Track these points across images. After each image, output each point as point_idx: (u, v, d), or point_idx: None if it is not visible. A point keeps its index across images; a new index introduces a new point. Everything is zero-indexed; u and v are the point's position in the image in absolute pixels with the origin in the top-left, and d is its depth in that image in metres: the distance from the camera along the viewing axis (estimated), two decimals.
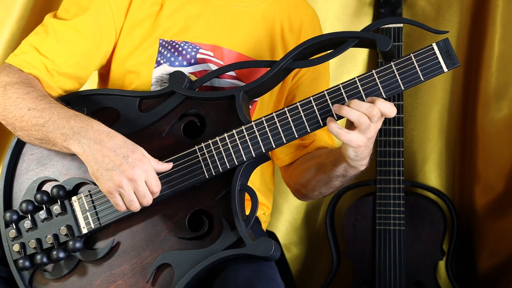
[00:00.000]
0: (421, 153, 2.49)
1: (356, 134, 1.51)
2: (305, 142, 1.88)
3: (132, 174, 1.47)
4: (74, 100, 1.66)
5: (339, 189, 1.83)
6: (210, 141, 1.58)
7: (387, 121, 2.31)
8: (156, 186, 1.52)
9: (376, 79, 1.53)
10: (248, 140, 1.57)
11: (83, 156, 1.51)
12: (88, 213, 1.62)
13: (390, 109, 1.50)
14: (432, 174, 2.50)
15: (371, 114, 1.49)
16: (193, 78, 1.75)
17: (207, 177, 1.58)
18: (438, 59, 1.50)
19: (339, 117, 1.54)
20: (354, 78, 1.54)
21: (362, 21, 2.41)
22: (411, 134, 2.48)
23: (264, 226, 2.00)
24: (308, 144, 1.88)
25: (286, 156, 1.92)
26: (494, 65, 2.25)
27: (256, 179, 1.93)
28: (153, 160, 1.54)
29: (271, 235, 2.28)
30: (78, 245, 1.60)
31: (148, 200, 1.52)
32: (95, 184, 1.62)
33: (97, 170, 1.49)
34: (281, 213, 2.60)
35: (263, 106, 1.84)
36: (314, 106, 1.55)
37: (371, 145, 1.59)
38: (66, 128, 1.52)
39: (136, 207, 1.51)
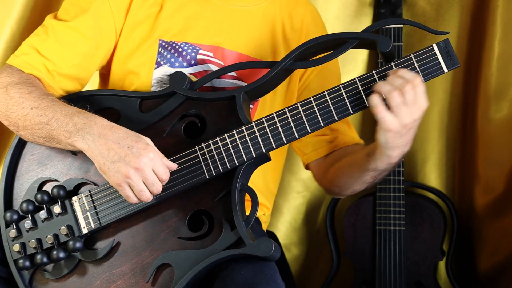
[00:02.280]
0: (421, 153, 2.49)
1: (391, 115, 1.49)
2: (329, 137, 1.88)
3: (138, 163, 1.47)
4: (75, 101, 1.65)
5: (371, 185, 1.80)
6: (210, 141, 1.59)
7: None
8: (164, 173, 1.52)
9: (377, 79, 1.53)
10: (248, 140, 1.57)
11: (88, 152, 1.51)
12: (88, 213, 1.62)
13: (413, 76, 1.49)
14: (432, 174, 2.50)
15: (403, 89, 1.47)
16: (194, 79, 1.75)
17: (207, 177, 1.58)
18: (438, 59, 1.51)
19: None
20: (355, 78, 1.54)
21: (362, 21, 2.41)
22: None
23: (264, 227, 2.00)
24: (333, 139, 1.87)
25: (313, 152, 1.91)
26: (494, 65, 2.25)
27: (259, 181, 1.93)
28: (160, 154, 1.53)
29: (271, 236, 2.28)
30: (78, 245, 1.60)
31: (157, 188, 1.51)
32: (95, 184, 1.63)
33: (103, 164, 1.49)
34: (281, 214, 2.60)
35: (265, 106, 1.84)
36: (315, 106, 1.55)
37: (407, 136, 1.55)
38: (70, 125, 1.52)
39: (147, 196, 1.51)
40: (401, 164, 2.32)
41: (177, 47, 1.76)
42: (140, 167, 1.48)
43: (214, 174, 1.58)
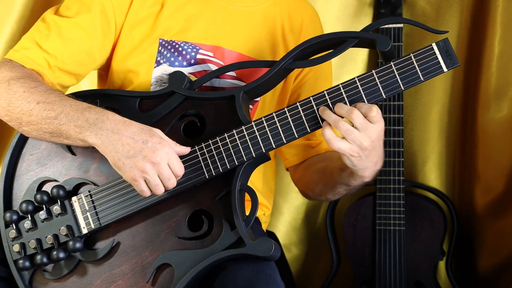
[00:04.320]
0: (421, 153, 2.49)
1: (345, 142, 1.51)
2: (312, 142, 1.88)
3: (154, 158, 1.47)
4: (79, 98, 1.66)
5: (345, 196, 1.82)
6: (210, 141, 1.58)
7: (387, 121, 2.31)
8: (180, 168, 1.52)
9: (376, 79, 1.53)
10: (248, 140, 1.57)
11: (101, 148, 1.50)
12: (88, 213, 1.62)
13: (368, 108, 1.49)
14: (432, 174, 2.50)
15: (350, 116, 1.48)
16: (193, 78, 1.75)
17: (207, 177, 1.58)
18: (438, 59, 1.50)
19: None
20: (354, 78, 1.54)
21: (362, 22, 2.41)
22: (411, 134, 2.48)
23: (264, 227, 2.00)
24: (316, 144, 1.88)
25: (294, 157, 1.92)
26: (494, 65, 2.25)
27: (259, 181, 1.93)
28: (172, 142, 1.53)
29: (271, 236, 2.28)
30: (78, 245, 1.60)
31: (172, 183, 1.51)
32: (95, 184, 1.63)
33: (118, 159, 1.48)
34: (281, 214, 2.60)
35: (264, 106, 1.84)
36: (314, 106, 1.55)
37: (373, 157, 1.56)
38: (81, 120, 1.51)
39: (161, 190, 1.51)
40: (401, 164, 2.32)
41: (177, 46, 1.76)
42: (156, 162, 1.47)
43: (214, 174, 1.58)
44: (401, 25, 2.28)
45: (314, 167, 1.85)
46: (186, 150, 1.56)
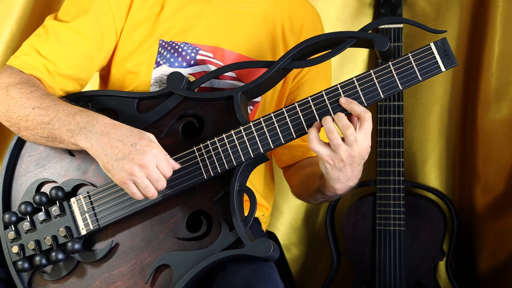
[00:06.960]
0: (421, 153, 2.49)
1: (326, 148, 1.52)
2: (307, 144, 1.88)
3: (142, 160, 1.47)
4: (74, 101, 1.65)
5: (324, 202, 1.82)
6: (208, 142, 1.58)
7: (387, 121, 2.31)
8: (168, 169, 1.51)
9: (374, 79, 1.53)
10: (246, 141, 1.57)
11: (91, 151, 1.51)
12: (86, 214, 1.62)
13: (360, 110, 1.50)
14: (432, 175, 2.50)
15: (344, 132, 1.48)
16: (192, 79, 1.75)
17: (205, 178, 1.58)
18: (436, 58, 1.50)
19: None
20: (352, 78, 1.54)
21: (362, 22, 2.40)
22: (411, 135, 2.48)
23: (264, 227, 2.00)
24: None
25: (286, 157, 1.92)
26: (494, 65, 2.25)
27: (260, 183, 1.93)
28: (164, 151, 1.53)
29: (271, 236, 2.28)
30: (77, 246, 1.60)
31: (162, 184, 1.51)
32: (93, 185, 1.63)
33: (107, 162, 1.49)
34: (281, 214, 2.60)
35: (265, 106, 1.84)
36: (312, 106, 1.55)
37: (346, 171, 1.56)
38: (72, 124, 1.52)
39: (152, 193, 1.50)
40: (401, 164, 2.32)
41: (177, 47, 1.76)
42: (144, 164, 1.47)
43: (212, 174, 1.58)
44: (401, 25, 2.28)
45: (303, 170, 1.86)
46: (176, 165, 1.56)
